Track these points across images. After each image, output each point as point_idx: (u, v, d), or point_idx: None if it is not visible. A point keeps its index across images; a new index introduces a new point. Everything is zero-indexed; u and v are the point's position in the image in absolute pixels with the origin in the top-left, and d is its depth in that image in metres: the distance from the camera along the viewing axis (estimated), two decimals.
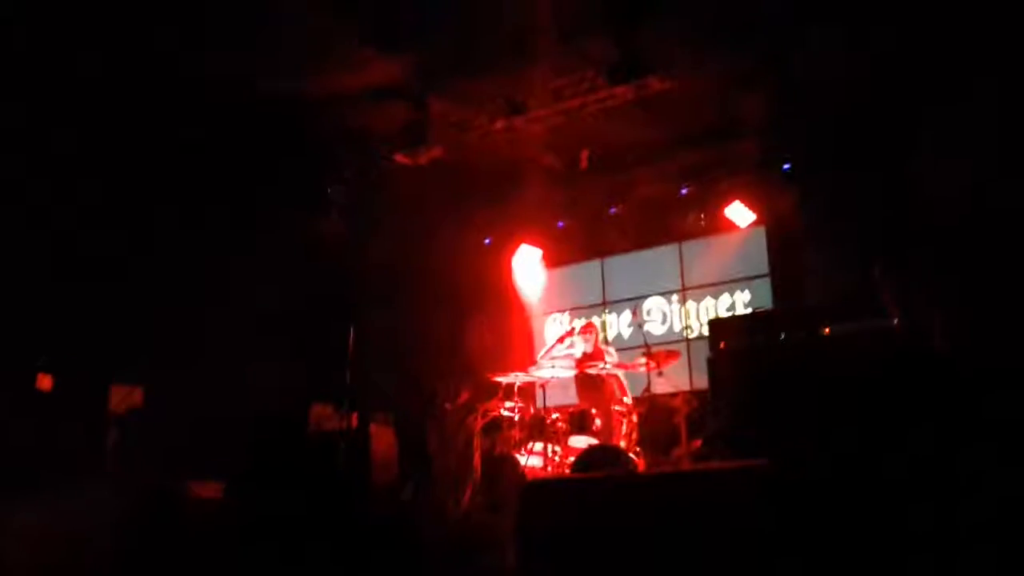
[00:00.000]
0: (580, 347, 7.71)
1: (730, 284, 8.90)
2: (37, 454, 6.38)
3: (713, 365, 5.78)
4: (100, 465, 6.81)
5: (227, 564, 5.80)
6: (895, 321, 5.13)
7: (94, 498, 6.00)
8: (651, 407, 7.04)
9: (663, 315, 9.32)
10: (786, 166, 8.44)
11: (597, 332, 7.83)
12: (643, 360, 6.89)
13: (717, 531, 3.97)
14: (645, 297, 9.36)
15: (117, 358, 7.40)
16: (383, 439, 7.31)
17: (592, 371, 7.35)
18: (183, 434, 7.05)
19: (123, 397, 7.25)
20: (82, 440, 6.77)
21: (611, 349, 7.88)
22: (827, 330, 5.30)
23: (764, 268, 8.68)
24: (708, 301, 9.05)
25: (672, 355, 7.01)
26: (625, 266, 9.67)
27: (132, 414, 7.24)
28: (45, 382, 6.94)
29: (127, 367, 7.40)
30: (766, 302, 8.50)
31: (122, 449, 6.93)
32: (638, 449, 6.74)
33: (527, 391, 7.74)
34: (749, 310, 8.57)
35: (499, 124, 8.11)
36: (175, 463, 6.72)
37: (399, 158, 8.41)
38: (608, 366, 7.30)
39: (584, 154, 8.90)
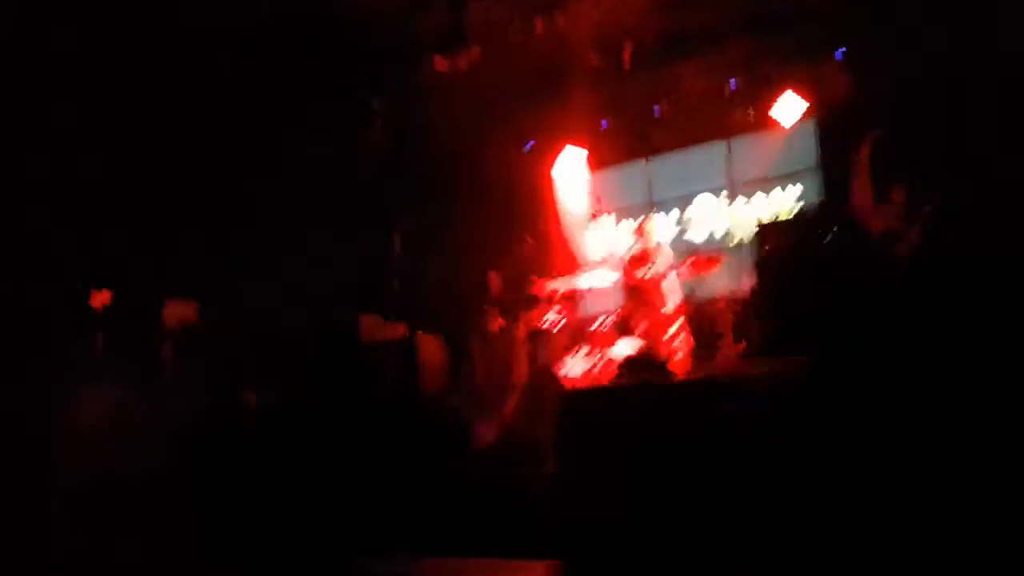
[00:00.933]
0: (632, 249, 7.53)
1: (780, 180, 8.63)
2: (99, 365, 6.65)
3: (760, 268, 5.71)
4: (156, 378, 7.05)
5: (284, 471, 6.04)
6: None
7: (154, 400, 6.29)
8: (696, 310, 6.98)
9: (706, 220, 9.09)
10: (839, 52, 8.04)
11: (649, 232, 7.65)
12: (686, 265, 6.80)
13: (753, 439, 3.96)
14: (693, 196, 9.14)
15: (170, 274, 7.57)
16: (431, 347, 7.43)
17: (640, 273, 7.25)
18: (238, 347, 7.24)
19: (177, 311, 7.43)
20: (138, 354, 7.00)
21: (664, 249, 7.69)
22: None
23: (813, 161, 8.38)
24: (759, 196, 8.79)
25: (714, 260, 6.90)
26: (671, 165, 9.43)
27: (187, 328, 7.43)
28: (101, 298, 7.14)
29: (181, 282, 7.57)
30: (816, 196, 8.24)
31: (178, 362, 7.16)
32: (682, 354, 6.72)
33: (572, 298, 7.73)
34: (798, 207, 8.33)
35: (538, 22, 7.87)
36: (231, 375, 6.95)
37: (438, 64, 8.25)
38: (656, 269, 7.19)
39: (627, 50, 8.58)
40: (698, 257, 6.88)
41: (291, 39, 7.87)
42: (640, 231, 7.62)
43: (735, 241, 8.67)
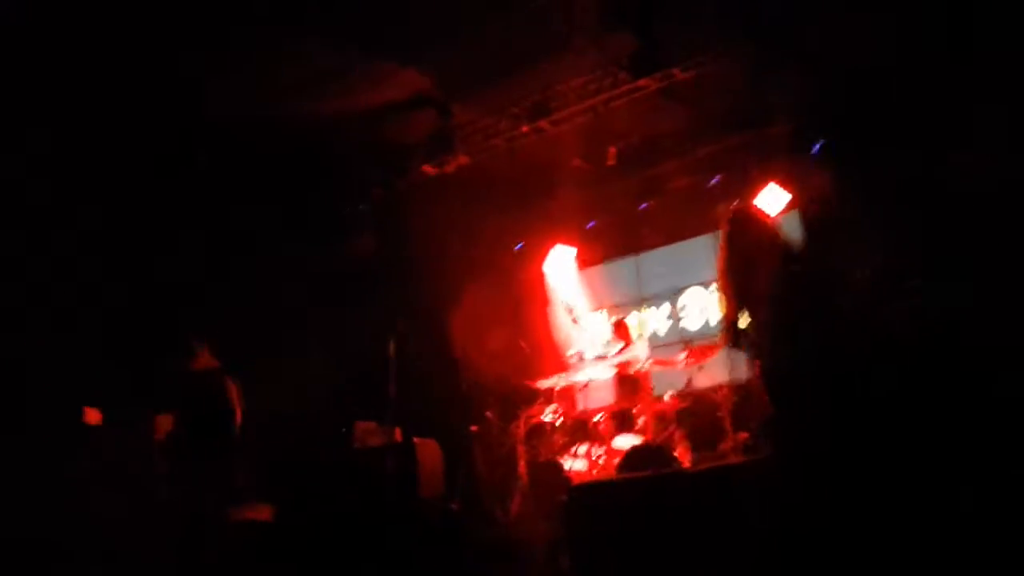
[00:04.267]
0: (615, 347, 7.63)
1: None
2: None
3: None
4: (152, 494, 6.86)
5: None
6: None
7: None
8: (694, 402, 6.96)
9: (701, 308, 9.18)
10: (816, 147, 8.28)
11: (628, 329, 7.72)
12: (682, 356, 6.81)
13: (765, 524, 3.92)
14: (682, 290, 9.23)
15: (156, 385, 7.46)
16: (428, 452, 7.30)
17: (632, 370, 7.29)
18: (228, 459, 7.08)
19: (165, 424, 7.27)
20: (132, 471, 6.83)
21: (644, 346, 7.74)
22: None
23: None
24: None
25: (711, 349, 6.92)
26: (660, 260, 9.56)
27: (175, 440, 7.27)
28: (93, 416, 7.02)
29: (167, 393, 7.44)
30: None
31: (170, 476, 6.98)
32: (683, 446, 6.65)
33: (567, 395, 7.69)
34: None
35: (524, 128, 8.07)
36: (223, 486, 6.77)
37: (426, 169, 8.41)
38: (646, 364, 7.21)
39: (612, 151, 8.80)
40: (695, 347, 6.89)
41: (277, 143, 8.01)
42: (618, 327, 7.67)
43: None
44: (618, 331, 7.67)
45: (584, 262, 9.72)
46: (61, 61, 6.43)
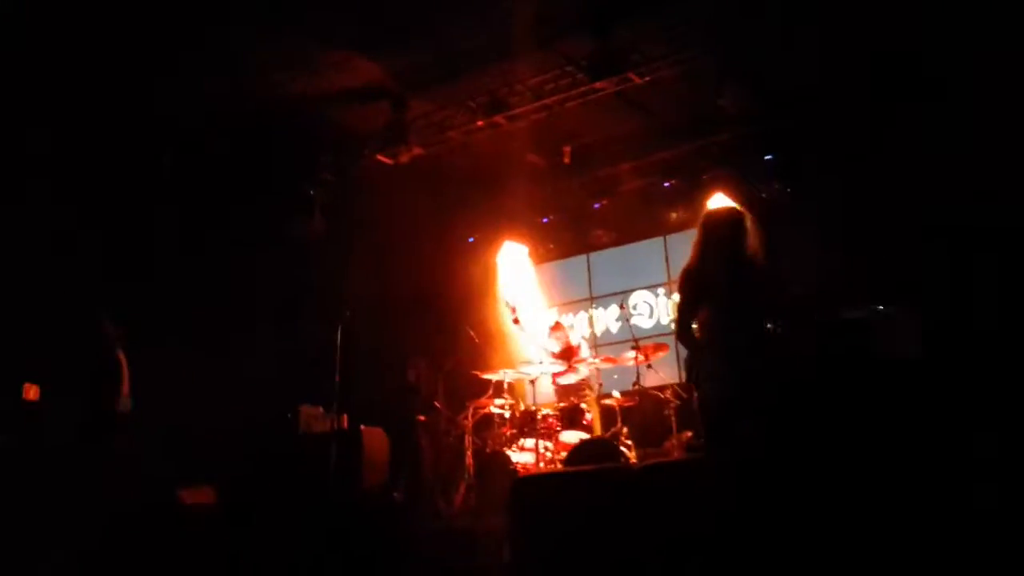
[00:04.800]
0: (553, 346, 7.68)
1: None
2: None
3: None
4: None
5: (221, 569, 5.80)
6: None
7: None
8: (641, 400, 7.08)
9: (650, 308, 9.35)
10: (768, 156, 8.47)
11: (565, 330, 7.80)
12: (632, 354, 6.92)
13: (709, 520, 4.00)
14: (632, 291, 9.38)
15: None
16: (374, 440, 7.30)
17: (562, 380, 7.40)
18: (173, 441, 7.00)
19: None
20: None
21: (584, 345, 7.83)
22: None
23: None
24: None
25: (660, 348, 7.05)
26: (611, 260, 9.68)
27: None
28: (31, 392, 6.86)
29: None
30: None
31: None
32: (629, 442, 6.77)
33: (516, 388, 7.76)
34: None
35: (480, 122, 8.09)
36: (166, 469, 6.68)
37: (380, 158, 8.39)
38: (594, 363, 7.33)
39: (567, 150, 8.88)
40: (644, 345, 7.01)
41: (231, 126, 7.93)
42: (557, 328, 7.75)
43: None
44: (554, 331, 7.71)
45: (537, 258, 9.81)
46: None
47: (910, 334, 4.53)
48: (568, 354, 7.52)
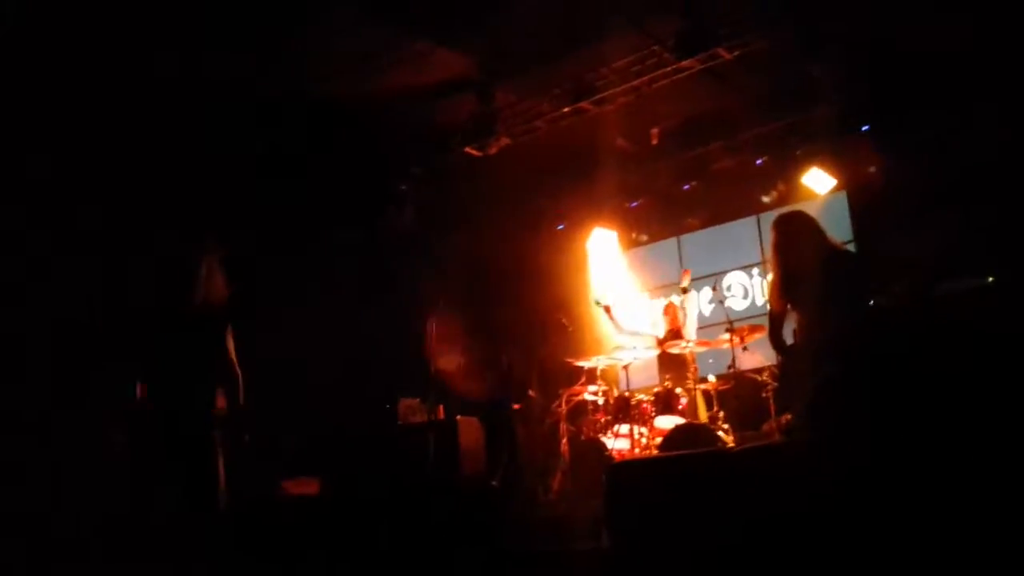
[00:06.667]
0: (662, 327, 7.64)
1: None
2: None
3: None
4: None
5: (324, 559, 5.94)
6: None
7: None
8: (737, 383, 6.95)
9: (744, 290, 9.15)
10: (866, 127, 8.17)
11: (676, 311, 7.73)
12: (727, 336, 6.79)
13: (807, 503, 3.90)
14: (725, 272, 9.19)
15: None
16: (470, 430, 7.37)
17: (674, 350, 7.28)
18: (275, 435, 7.21)
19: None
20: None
21: (692, 327, 7.75)
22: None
23: (848, 234, 8.39)
24: None
25: (756, 329, 6.88)
26: (703, 242, 9.52)
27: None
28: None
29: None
30: None
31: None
32: (726, 426, 6.65)
33: (609, 374, 7.72)
34: None
35: (567, 109, 8.06)
36: (269, 463, 6.89)
37: (468, 150, 8.45)
38: (690, 344, 7.21)
39: (655, 131, 8.77)
40: (739, 327, 6.86)
41: (319, 121, 8.07)
42: (668, 310, 7.68)
43: None
44: (667, 313, 7.66)
45: (627, 243, 9.71)
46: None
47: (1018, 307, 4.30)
48: (677, 335, 7.45)
